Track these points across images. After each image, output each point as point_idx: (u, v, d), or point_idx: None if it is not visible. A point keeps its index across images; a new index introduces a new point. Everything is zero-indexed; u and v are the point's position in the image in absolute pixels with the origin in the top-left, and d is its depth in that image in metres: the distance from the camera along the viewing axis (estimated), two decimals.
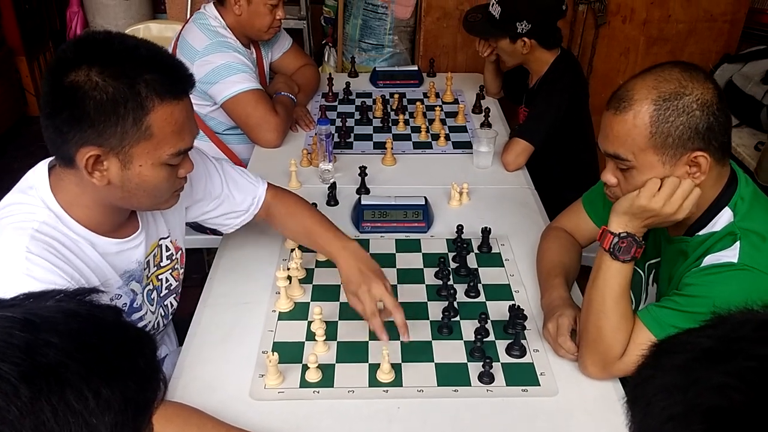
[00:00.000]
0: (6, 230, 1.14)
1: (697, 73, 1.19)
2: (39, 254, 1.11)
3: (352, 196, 1.92)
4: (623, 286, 1.27)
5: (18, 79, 4.13)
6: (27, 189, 1.20)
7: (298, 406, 1.26)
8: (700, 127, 1.17)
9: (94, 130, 1.08)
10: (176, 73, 1.16)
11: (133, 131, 1.10)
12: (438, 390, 1.30)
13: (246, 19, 2.23)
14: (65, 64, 1.08)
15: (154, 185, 1.18)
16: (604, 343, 1.26)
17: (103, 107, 1.07)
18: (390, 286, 1.38)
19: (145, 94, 1.09)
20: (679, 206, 1.20)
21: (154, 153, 1.14)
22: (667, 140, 1.18)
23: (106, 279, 1.24)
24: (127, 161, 1.13)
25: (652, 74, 1.21)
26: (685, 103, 1.16)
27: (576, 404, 1.27)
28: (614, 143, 1.24)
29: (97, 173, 1.13)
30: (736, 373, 0.54)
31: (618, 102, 1.22)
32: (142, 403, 0.59)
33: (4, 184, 1.27)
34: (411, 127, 2.35)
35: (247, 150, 2.33)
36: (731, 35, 3.25)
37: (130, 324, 0.64)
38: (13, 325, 0.55)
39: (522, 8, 2.09)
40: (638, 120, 1.19)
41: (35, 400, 0.51)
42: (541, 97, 2.18)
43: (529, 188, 2.01)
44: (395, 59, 3.43)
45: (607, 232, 1.27)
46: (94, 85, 1.06)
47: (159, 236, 1.40)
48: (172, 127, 1.14)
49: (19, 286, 1.03)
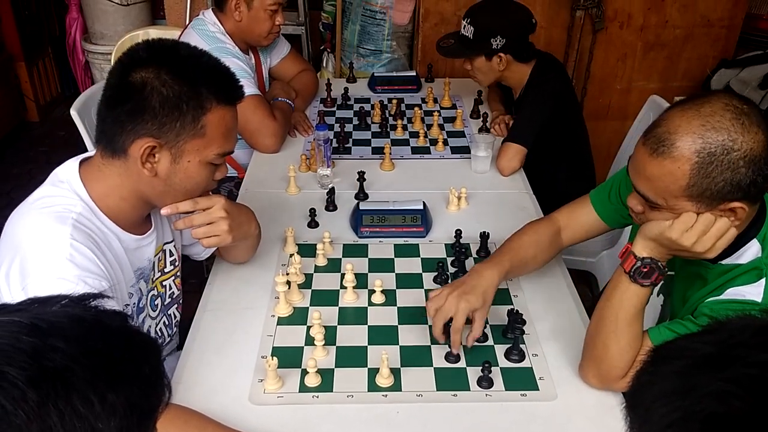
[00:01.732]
0: (48, 218, 1.19)
1: (750, 121, 1.07)
2: (82, 242, 1.17)
3: (350, 201, 1.93)
4: (638, 309, 1.21)
5: (17, 84, 4.13)
6: (58, 183, 1.25)
7: (298, 411, 1.26)
8: (743, 184, 1.08)
9: (156, 122, 1.18)
10: (233, 81, 1.28)
11: (190, 128, 1.21)
12: (437, 395, 1.30)
13: (246, 25, 2.24)
14: (136, 61, 1.19)
15: (196, 182, 1.27)
16: (609, 362, 1.24)
17: (168, 102, 1.18)
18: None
19: (205, 96, 1.21)
20: (711, 245, 1.13)
21: (204, 151, 1.24)
22: (705, 193, 1.10)
23: (125, 274, 1.30)
24: (178, 155, 1.22)
25: (700, 117, 1.08)
26: (732, 159, 1.06)
27: (575, 409, 1.28)
28: (645, 185, 1.16)
29: (148, 164, 1.21)
30: (735, 379, 0.54)
31: (657, 143, 1.12)
32: (147, 409, 0.60)
33: (3, 188, 1.28)
34: (409, 132, 2.35)
35: (245, 155, 2.34)
36: (728, 40, 3.26)
37: (135, 330, 0.65)
38: (20, 329, 0.55)
39: (494, 25, 2.14)
40: (676, 170, 1.10)
41: (42, 404, 0.52)
42: (527, 100, 2.22)
43: (527, 192, 2.01)
44: (393, 65, 3.44)
45: (630, 253, 1.21)
46: (163, 83, 1.18)
47: (165, 240, 1.44)
48: (223, 129, 1.25)
49: (60, 271, 1.11)
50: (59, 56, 4.38)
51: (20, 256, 1.14)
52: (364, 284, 1.57)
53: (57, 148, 3.93)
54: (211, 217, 1.35)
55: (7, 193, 3.20)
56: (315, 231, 1.79)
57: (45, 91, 4.38)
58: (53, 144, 4.06)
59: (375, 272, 1.63)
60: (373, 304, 1.52)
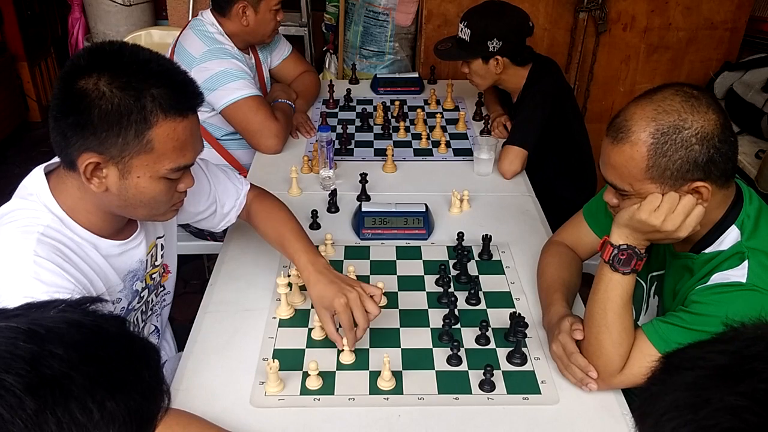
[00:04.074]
0: (12, 234, 1.14)
1: (699, 102, 1.15)
2: (46, 257, 1.12)
3: (352, 203, 1.92)
4: (624, 299, 1.25)
5: (19, 84, 4.14)
6: (27, 195, 1.20)
7: (299, 414, 1.26)
8: (700, 161, 1.14)
9: (96, 138, 1.09)
10: (185, 89, 1.16)
11: (134, 143, 1.11)
12: (439, 398, 1.29)
13: (253, 28, 2.24)
14: (77, 70, 1.09)
15: (152, 197, 1.18)
16: (604, 357, 1.25)
17: (107, 117, 1.08)
18: (365, 290, 1.36)
19: (150, 108, 1.10)
20: (681, 223, 1.18)
21: (153, 166, 1.15)
22: (665, 173, 1.16)
23: (108, 282, 1.26)
24: (125, 171, 1.14)
25: (653, 103, 1.18)
26: (684, 137, 1.14)
27: (577, 412, 1.27)
28: (611, 173, 1.23)
29: (95, 180, 1.14)
30: (751, 394, 0.53)
31: (616, 131, 1.20)
32: (147, 416, 0.59)
33: (5, 189, 1.27)
34: (412, 134, 2.35)
35: (247, 155, 2.34)
36: (732, 43, 3.26)
37: (135, 335, 0.64)
38: (18, 335, 0.54)
39: (491, 27, 2.14)
40: (635, 153, 1.17)
41: (40, 412, 0.51)
42: (525, 103, 2.22)
43: (529, 195, 2.01)
44: (396, 66, 3.44)
45: (608, 244, 1.25)
46: (101, 94, 1.08)
47: (156, 235, 1.42)
48: (174, 143, 1.14)
49: (26, 290, 1.06)
50: (62, 57, 4.39)
51: None
52: None
53: None
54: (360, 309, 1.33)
55: (9, 194, 3.19)
56: (317, 232, 1.79)
57: (47, 91, 4.38)
58: None
59: (377, 274, 1.62)
60: None
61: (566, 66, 3.23)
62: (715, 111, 1.16)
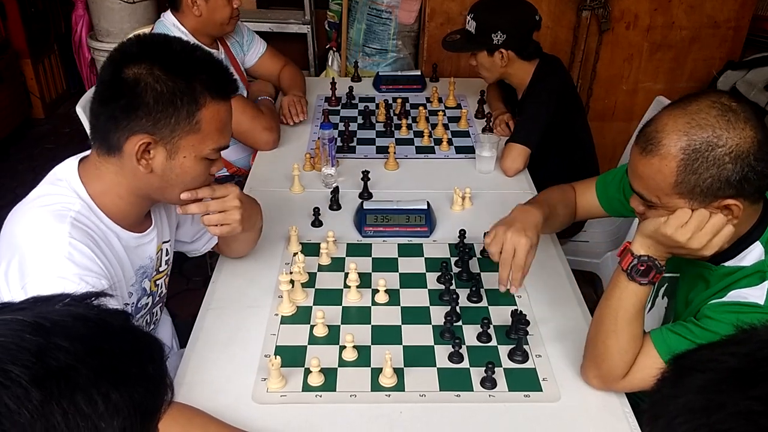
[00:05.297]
0: (46, 216, 1.18)
1: (737, 117, 1.08)
2: (80, 240, 1.16)
3: (354, 200, 1.93)
4: (637, 308, 1.21)
5: (23, 81, 4.14)
6: (56, 181, 1.25)
7: (301, 410, 1.26)
8: (732, 179, 1.08)
9: (150, 119, 1.18)
10: (226, 75, 1.27)
11: (185, 123, 1.20)
12: (440, 395, 1.30)
13: (207, 17, 2.18)
14: (128, 57, 1.18)
15: (192, 177, 1.27)
16: (610, 362, 1.23)
17: (162, 98, 1.17)
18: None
19: (199, 91, 1.20)
20: (707, 242, 1.13)
21: (198, 146, 1.23)
22: (694, 189, 1.11)
23: (125, 272, 1.30)
24: (173, 151, 1.22)
25: (686, 115, 1.10)
26: (717, 155, 1.07)
27: (578, 410, 1.27)
28: (638, 183, 1.18)
29: (143, 161, 1.20)
30: (765, 398, 0.52)
31: (645, 142, 1.14)
32: (151, 408, 0.60)
33: (8, 185, 1.28)
34: (414, 132, 2.35)
35: (240, 156, 2.33)
36: (735, 42, 3.25)
37: (138, 329, 0.65)
38: (24, 328, 0.55)
39: (496, 20, 2.14)
40: (663, 167, 1.11)
41: (46, 403, 0.51)
42: (530, 100, 2.21)
43: (531, 193, 2.01)
44: (399, 64, 3.44)
45: (628, 252, 1.21)
46: (156, 79, 1.17)
47: (163, 239, 1.43)
48: (218, 124, 1.24)
49: (60, 270, 1.11)
50: (65, 53, 4.39)
51: (19, 256, 1.14)
52: (367, 284, 1.57)
53: (62, 145, 3.95)
54: (225, 206, 1.36)
55: (13, 190, 3.21)
56: (319, 230, 1.79)
57: (50, 88, 4.40)
58: (58, 141, 4.08)
59: (379, 272, 1.62)
60: (376, 304, 1.52)
61: (569, 64, 3.22)
62: (753, 127, 1.09)
